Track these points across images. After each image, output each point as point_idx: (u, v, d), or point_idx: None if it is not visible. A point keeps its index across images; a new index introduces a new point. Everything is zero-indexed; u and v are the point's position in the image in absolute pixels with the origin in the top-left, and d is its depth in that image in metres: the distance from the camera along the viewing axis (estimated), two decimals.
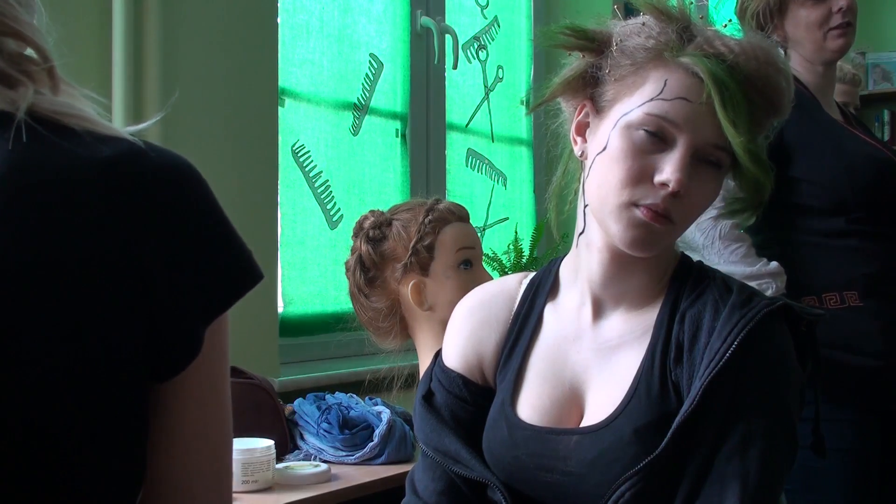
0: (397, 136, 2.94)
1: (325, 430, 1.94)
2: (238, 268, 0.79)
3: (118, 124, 1.84)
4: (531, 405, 1.18)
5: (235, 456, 1.61)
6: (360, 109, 2.80)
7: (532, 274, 1.30)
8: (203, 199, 0.79)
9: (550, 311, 1.24)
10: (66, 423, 0.71)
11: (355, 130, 2.78)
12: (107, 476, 0.74)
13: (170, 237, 0.75)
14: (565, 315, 1.22)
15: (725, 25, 1.17)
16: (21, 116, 0.74)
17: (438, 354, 1.29)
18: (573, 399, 1.17)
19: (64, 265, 0.70)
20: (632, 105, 1.12)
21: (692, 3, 1.17)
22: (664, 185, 1.09)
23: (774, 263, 1.89)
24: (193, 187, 0.78)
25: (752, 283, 1.82)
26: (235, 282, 0.78)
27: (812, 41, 1.99)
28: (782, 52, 2.00)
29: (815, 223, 1.93)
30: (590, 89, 1.18)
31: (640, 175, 1.10)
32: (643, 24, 1.14)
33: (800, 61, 2.03)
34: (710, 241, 1.88)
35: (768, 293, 1.83)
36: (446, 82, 3.09)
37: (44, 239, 0.70)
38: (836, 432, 1.79)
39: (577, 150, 1.20)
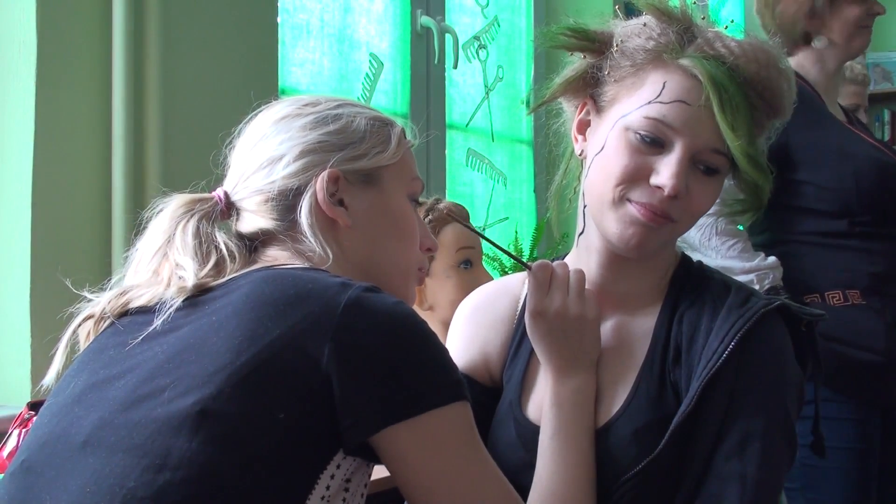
0: None
1: None
2: (419, 391, 0.91)
3: (118, 124, 1.85)
4: (538, 405, 1.17)
5: None
6: None
7: None
8: (409, 344, 0.93)
9: None
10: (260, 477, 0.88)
11: None
12: None
13: (358, 362, 0.90)
14: None
15: (727, 27, 1.16)
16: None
17: None
18: None
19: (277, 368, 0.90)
20: (630, 107, 1.12)
21: (694, 2, 1.17)
22: (660, 188, 1.09)
23: (772, 258, 1.91)
24: (405, 336, 0.93)
25: (751, 276, 1.84)
26: (413, 402, 0.91)
27: (847, 35, 2.03)
28: (785, 54, 2.00)
29: (819, 225, 1.93)
30: (590, 89, 1.18)
31: (636, 173, 1.10)
32: (644, 24, 1.14)
33: (812, 60, 2.04)
34: (706, 237, 1.90)
35: (766, 283, 1.85)
36: (446, 82, 3.09)
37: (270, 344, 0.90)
38: (837, 431, 1.80)
39: (577, 149, 1.20)
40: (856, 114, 2.40)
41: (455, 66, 3.02)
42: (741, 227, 1.97)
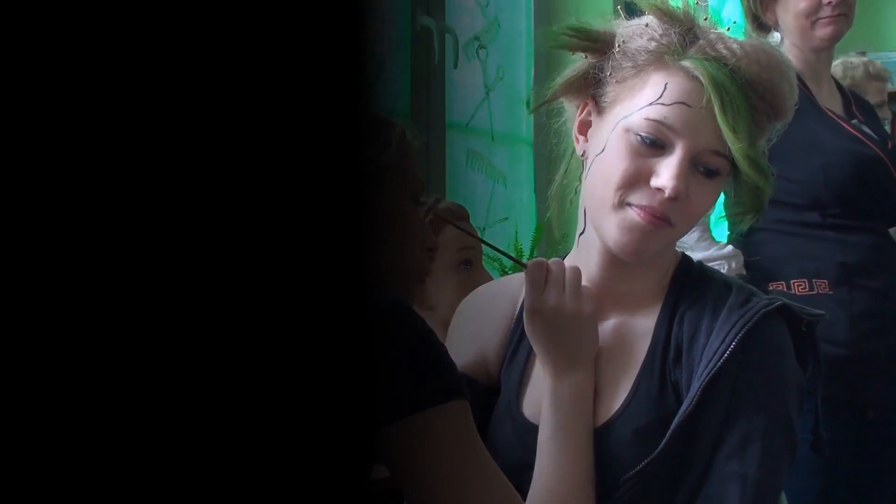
0: None
1: None
2: (420, 386, 0.92)
3: None
4: (536, 405, 1.18)
5: None
6: None
7: None
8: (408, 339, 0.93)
9: None
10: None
11: None
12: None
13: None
14: None
15: (728, 28, 1.16)
16: None
17: None
18: None
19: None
20: (631, 108, 1.12)
21: (696, 2, 1.17)
22: (660, 190, 1.09)
23: (729, 247, 1.91)
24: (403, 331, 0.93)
25: (707, 265, 1.83)
26: (413, 398, 0.91)
27: (799, 28, 2.00)
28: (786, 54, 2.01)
29: (790, 215, 1.93)
30: (592, 89, 1.18)
31: (636, 177, 1.10)
32: (646, 25, 1.14)
33: (790, 48, 2.02)
34: None
35: (723, 271, 1.84)
36: (446, 82, 3.09)
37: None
38: (800, 422, 1.78)
39: (578, 150, 1.20)
40: (880, 109, 2.37)
41: (455, 66, 3.02)
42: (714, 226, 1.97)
